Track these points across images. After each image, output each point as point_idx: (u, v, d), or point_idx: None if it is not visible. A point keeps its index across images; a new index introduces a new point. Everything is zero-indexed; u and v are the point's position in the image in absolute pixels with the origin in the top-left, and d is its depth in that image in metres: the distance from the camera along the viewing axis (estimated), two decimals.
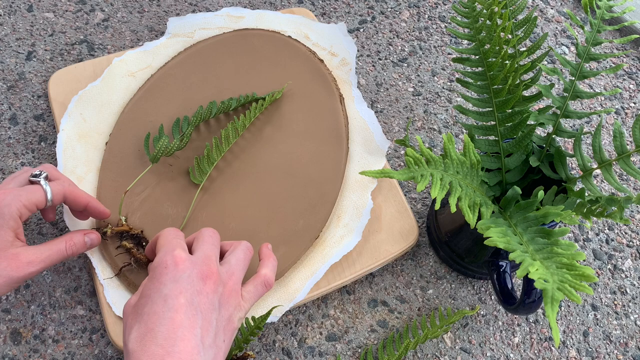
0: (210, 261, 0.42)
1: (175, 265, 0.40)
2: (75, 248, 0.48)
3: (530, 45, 0.49)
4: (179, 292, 0.39)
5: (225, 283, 0.42)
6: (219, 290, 0.41)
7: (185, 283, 0.39)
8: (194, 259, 0.41)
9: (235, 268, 0.43)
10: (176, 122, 0.58)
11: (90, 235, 0.50)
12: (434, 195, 0.39)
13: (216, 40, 0.66)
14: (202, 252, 0.42)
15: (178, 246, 0.42)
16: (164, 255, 0.41)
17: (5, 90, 0.66)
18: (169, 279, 0.39)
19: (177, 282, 0.39)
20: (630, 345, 0.56)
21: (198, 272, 0.40)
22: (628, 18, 0.75)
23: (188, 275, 0.40)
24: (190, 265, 0.40)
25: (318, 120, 0.61)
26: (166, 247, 0.42)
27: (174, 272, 0.40)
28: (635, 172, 0.42)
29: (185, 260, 0.41)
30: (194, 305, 0.39)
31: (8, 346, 0.52)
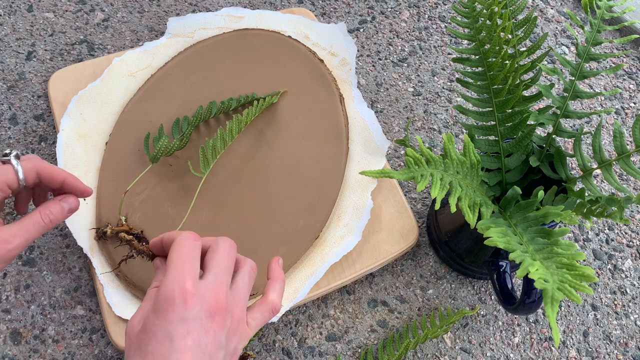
0: (220, 291, 0.38)
1: (183, 302, 0.37)
2: (53, 216, 0.44)
3: (530, 45, 0.49)
4: (186, 332, 0.36)
5: (233, 313, 0.39)
6: (227, 324, 0.38)
7: (192, 322, 0.37)
8: (204, 290, 0.38)
9: (242, 293, 0.41)
10: (176, 122, 0.58)
11: (67, 200, 0.45)
12: (434, 195, 0.39)
13: (216, 40, 0.66)
14: (214, 276, 0.39)
15: (189, 274, 0.38)
16: (171, 286, 0.37)
17: (5, 90, 0.66)
18: (176, 317, 0.36)
19: (184, 321, 0.36)
20: (630, 345, 0.56)
21: (207, 308, 0.37)
22: (628, 18, 0.75)
23: (197, 313, 0.37)
24: (199, 301, 0.37)
25: (318, 120, 0.61)
26: (176, 272, 0.38)
27: (181, 309, 0.36)
28: (635, 172, 0.42)
29: (194, 296, 0.37)
30: (201, 347, 0.37)
31: (8, 346, 0.52)
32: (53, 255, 0.56)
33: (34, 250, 0.57)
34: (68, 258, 0.56)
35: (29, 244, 0.43)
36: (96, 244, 0.54)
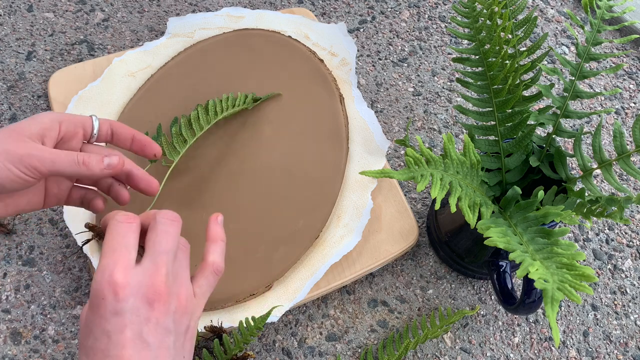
0: (158, 276, 0.35)
1: (114, 295, 0.34)
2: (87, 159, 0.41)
3: (530, 45, 0.49)
4: (122, 325, 0.34)
5: (178, 294, 0.37)
6: (171, 308, 0.36)
7: (128, 314, 0.34)
8: (139, 278, 0.35)
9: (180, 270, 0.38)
10: (174, 121, 0.58)
11: (111, 155, 0.43)
12: (434, 195, 0.39)
13: (216, 40, 0.66)
14: (151, 260, 0.36)
15: (119, 264, 0.35)
16: (100, 279, 0.34)
17: (5, 90, 0.66)
18: (109, 311, 0.34)
19: (119, 315, 0.34)
20: (630, 345, 0.56)
21: (143, 296, 0.35)
22: (628, 18, 0.75)
23: (131, 305, 0.34)
24: (134, 291, 0.34)
25: (318, 120, 0.61)
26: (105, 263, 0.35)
27: (113, 303, 0.34)
28: (635, 172, 0.42)
29: (125, 287, 0.34)
30: (142, 337, 0.34)
31: (8, 346, 0.52)
32: (53, 255, 0.56)
33: (34, 250, 0.57)
34: (68, 258, 0.56)
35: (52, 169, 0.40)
36: (96, 244, 0.54)
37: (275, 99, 0.62)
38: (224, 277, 0.52)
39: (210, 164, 0.58)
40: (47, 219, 0.58)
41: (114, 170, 0.43)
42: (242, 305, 0.52)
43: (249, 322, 0.49)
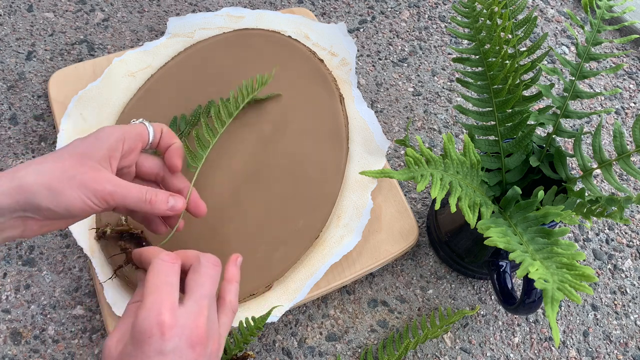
0: (200, 319, 0.37)
1: (161, 335, 0.35)
2: (154, 198, 0.43)
3: (530, 45, 0.49)
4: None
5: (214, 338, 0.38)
6: (208, 351, 0.37)
7: (171, 355, 0.35)
8: (183, 321, 0.36)
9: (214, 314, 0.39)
10: (174, 120, 0.58)
11: (176, 196, 0.44)
12: (434, 195, 0.39)
13: (216, 40, 0.66)
14: (195, 303, 0.37)
15: (166, 304, 0.36)
16: (148, 318, 0.36)
17: (5, 90, 0.66)
18: (153, 350, 0.35)
19: (162, 354, 0.35)
20: (630, 345, 0.56)
21: (187, 338, 0.36)
22: (628, 18, 0.75)
23: (176, 345, 0.35)
24: (179, 333, 0.36)
25: (318, 120, 0.61)
26: (152, 302, 0.36)
27: (159, 342, 0.35)
28: (635, 172, 0.42)
29: (172, 328, 0.36)
30: None
31: (8, 346, 0.52)
32: (53, 255, 0.56)
33: (34, 250, 0.57)
34: (68, 258, 0.56)
35: (122, 203, 0.41)
36: (96, 244, 0.54)
37: (275, 99, 0.62)
38: None
39: (210, 164, 0.58)
40: None
41: (175, 212, 0.45)
42: (242, 305, 0.52)
43: (249, 322, 0.49)
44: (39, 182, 0.38)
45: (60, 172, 0.38)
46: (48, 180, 0.38)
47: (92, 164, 0.40)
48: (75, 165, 0.39)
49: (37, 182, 0.38)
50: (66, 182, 0.38)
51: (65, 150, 0.40)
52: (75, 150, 0.40)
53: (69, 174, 0.39)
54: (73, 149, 0.40)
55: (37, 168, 0.38)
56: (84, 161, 0.40)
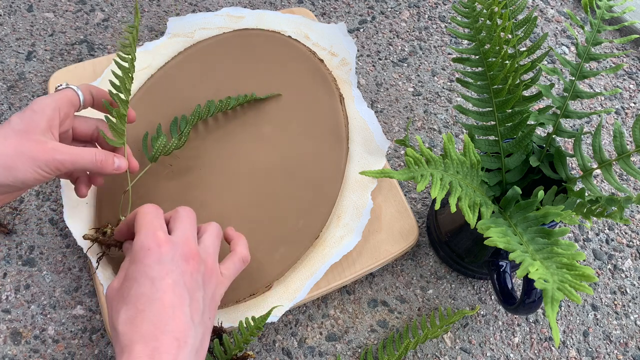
0: (190, 241, 0.42)
1: (158, 247, 0.40)
2: (103, 159, 0.46)
3: (530, 45, 0.49)
4: (165, 273, 0.39)
5: (206, 262, 0.43)
6: (201, 269, 0.42)
7: (169, 264, 0.40)
8: (175, 240, 0.42)
9: (210, 248, 0.44)
10: (174, 121, 0.58)
11: (119, 158, 0.48)
12: (434, 195, 0.39)
13: (216, 40, 0.66)
14: (182, 232, 0.43)
15: (159, 227, 0.42)
16: (145, 237, 0.41)
17: (5, 90, 0.66)
18: (153, 261, 0.40)
19: (161, 263, 0.40)
20: (630, 345, 0.56)
21: (180, 252, 0.41)
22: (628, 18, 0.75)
23: (171, 257, 0.40)
24: (172, 247, 0.41)
25: (318, 120, 0.61)
26: (146, 228, 0.42)
27: (157, 254, 0.40)
28: (635, 172, 0.42)
29: (167, 242, 0.41)
30: (180, 285, 0.40)
31: (8, 346, 0.52)
32: (53, 255, 0.56)
33: (34, 250, 0.57)
34: (68, 258, 0.56)
35: (72, 168, 0.44)
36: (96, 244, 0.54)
37: (275, 99, 0.62)
38: None
39: (210, 164, 0.58)
40: (47, 219, 0.58)
41: (120, 172, 0.48)
42: (242, 305, 0.52)
43: (249, 322, 0.49)
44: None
45: (12, 149, 0.42)
46: (3, 161, 0.41)
47: (36, 138, 0.43)
48: (22, 142, 0.42)
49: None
50: (17, 159, 0.42)
51: (8, 128, 0.43)
52: (18, 127, 0.43)
53: (19, 151, 0.42)
54: (16, 126, 0.43)
55: None
56: (29, 136, 0.43)
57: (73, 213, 0.55)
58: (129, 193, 0.51)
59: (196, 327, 0.40)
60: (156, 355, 0.36)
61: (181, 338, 0.38)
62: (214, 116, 0.60)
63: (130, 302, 0.39)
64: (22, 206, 0.59)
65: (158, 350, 0.37)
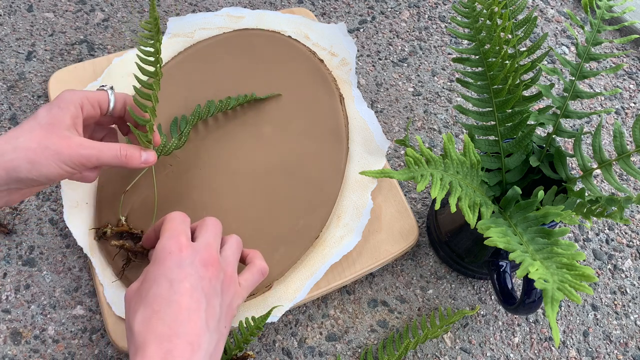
0: (211, 249, 0.43)
1: (179, 251, 0.41)
2: (129, 154, 0.46)
3: (530, 45, 0.49)
4: (183, 276, 0.40)
5: (225, 270, 0.43)
6: (220, 276, 0.42)
7: (189, 268, 0.40)
8: (197, 246, 0.42)
9: (231, 258, 0.45)
10: (174, 121, 0.58)
11: (148, 151, 0.48)
12: (434, 195, 0.39)
13: (216, 40, 0.66)
14: (205, 239, 0.43)
15: (182, 232, 0.43)
16: (167, 241, 0.42)
17: (5, 90, 0.66)
18: (174, 264, 0.40)
19: (181, 267, 0.40)
20: (630, 345, 0.56)
21: (200, 258, 0.41)
22: (628, 18, 0.75)
23: (191, 261, 0.41)
24: (193, 252, 0.42)
25: (318, 120, 0.61)
26: (170, 232, 0.43)
27: (178, 257, 0.41)
28: (635, 172, 0.42)
29: (188, 247, 0.42)
30: (198, 290, 0.40)
31: (8, 346, 0.52)
32: (53, 255, 0.56)
33: (34, 250, 0.57)
34: (68, 258, 0.56)
35: (97, 164, 0.45)
36: (96, 244, 0.54)
37: (275, 99, 0.62)
38: None
39: (210, 164, 0.58)
40: (47, 219, 0.58)
41: (148, 165, 0.49)
42: (242, 305, 0.52)
43: (249, 322, 0.49)
44: (19, 157, 0.41)
45: (36, 144, 0.42)
46: (26, 155, 0.41)
47: (61, 133, 0.43)
48: (47, 136, 0.42)
49: (18, 157, 0.41)
50: (42, 154, 0.42)
51: (34, 122, 0.43)
52: (43, 121, 0.43)
53: (44, 145, 0.42)
54: (42, 120, 0.43)
55: (14, 144, 0.41)
56: (53, 131, 0.43)
57: (73, 213, 0.55)
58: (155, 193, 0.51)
59: (211, 333, 0.40)
60: (169, 358, 0.36)
61: (195, 342, 0.38)
62: (214, 116, 0.60)
63: (147, 303, 0.39)
64: (22, 206, 0.59)
65: (171, 353, 0.37)
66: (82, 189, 0.56)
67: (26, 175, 0.42)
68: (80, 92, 0.46)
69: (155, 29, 0.45)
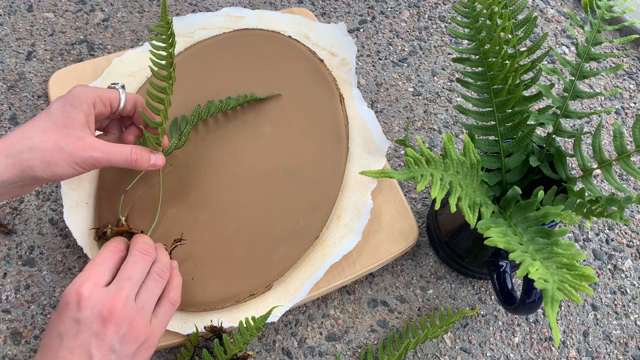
0: (117, 300, 0.40)
1: (76, 304, 0.40)
2: (140, 156, 0.47)
3: (530, 45, 0.49)
4: (75, 332, 0.39)
5: (132, 320, 0.41)
6: (122, 331, 0.40)
7: (82, 324, 0.39)
8: (100, 297, 0.40)
9: (144, 300, 0.43)
10: (174, 121, 0.58)
11: (157, 154, 0.49)
12: (434, 195, 0.39)
13: (216, 40, 0.66)
14: (116, 284, 0.41)
15: (91, 279, 0.41)
16: (69, 288, 0.40)
17: (5, 90, 0.66)
18: (69, 317, 0.39)
19: (76, 322, 0.39)
20: (630, 345, 0.56)
21: (98, 312, 0.40)
22: (628, 18, 0.75)
23: (88, 316, 0.39)
24: (92, 305, 0.40)
25: (318, 120, 0.61)
26: (80, 277, 0.41)
27: (74, 311, 0.39)
28: (635, 172, 0.42)
29: (88, 299, 0.40)
30: (88, 348, 0.39)
31: (8, 346, 0.52)
32: (53, 255, 0.56)
33: (34, 250, 0.57)
34: (68, 258, 0.56)
35: (108, 165, 0.46)
36: (96, 244, 0.54)
37: (275, 99, 0.62)
38: (224, 277, 0.53)
39: (210, 164, 0.58)
40: (47, 219, 0.58)
41: (156, 168, 0.50)
42: (242, 305, 0.52)
43: (249, 322, 0.49)
44: (36, 157, 0.42)
45: (52, 145, 0.43)
46: (42, 155, 0.42)
47: (75, 133, 0.44)
48: (61, 137, 0.43)
49: (35, 157, 0.42)
50: (57, 154, 0.43)
51: (48, 120, 0.44)
52: (58, 121, 0.44)
53: (59, 146, 0.43)
54: (56, 119, 0.44)
55: (28, 143, 0.42)
56: (67, 132, 0.44)
57: (73, 213, 0.55)
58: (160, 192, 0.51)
59: None
60: None
61: None
62: (214, 116, 0.60)
63: (41, 351, 0.39)
64: (22, 206, 0.59)
65: None
66: (82, 189, 0.56)
67: (41, 174, 0.43)
68: (93, 90, 0.46)
69: (167, 33, 0.46)
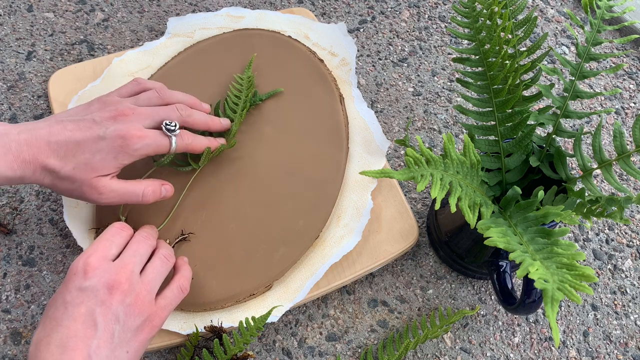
0: (123, 271, 0.42)
1: (84, 273, 0.40)
2: (150, 194, 0.49)
3: (530, 45, 0.49)
4: (80, 301, 0.39)
5: (138, 293, 0.42)
6: (127, 301, 0.41)
7: (89, 292, 0.40)
8: (109, 267, 0.41)
9: (150, 277, 0.44)
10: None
11: (166, 186, 0.51)
12: (434, 195, 0.39)
13: (216, 40, 0.66)
14: (122, 259, 0.43)
15: (99, 252, 0.42)
16: (77, 260, 0.41)
17: (5, 90, 0.66)
18: (75, 286, 0.40)
19: (81, 290, 0.40)
20: (630, 345, 0.56)
21: (105, 281, 0.40)
22: (628, 18, 0.75)
23: (94, 285, 0.40)
24: (99, 275, 0.40)
25: (318, 120, 0.61)
26: (88, 249, 0.42)
27: (81, 279, 0.40)
28: (635, 172, 0.42)
29: (97, 268, 0.41)
30: (93, 316, 0.39)
31: (8, 346, 0.52)
32: (53, 255, 0.56)
33: (34, 250, 0.57)
34: (68, 258, 0.56)
35: (118, 203, 0.48)
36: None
37: (275, 99, 0.62)
38: (224, 277, 0.53)
39: (210, 164, 0.58)
40: (47, 219, 0.58)
41: (164, 199, 0.52)
42: (242, 305, 0.52)
43: (249, 322, 0.49)
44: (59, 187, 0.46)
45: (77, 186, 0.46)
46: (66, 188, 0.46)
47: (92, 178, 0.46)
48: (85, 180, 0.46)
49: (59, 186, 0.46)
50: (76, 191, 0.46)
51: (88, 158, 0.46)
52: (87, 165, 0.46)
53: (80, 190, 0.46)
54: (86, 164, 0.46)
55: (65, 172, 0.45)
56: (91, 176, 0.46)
57: (73, 213, 0.55)
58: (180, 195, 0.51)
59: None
60: None
61: None
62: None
63: (44, 323, 0.39)
64: (22, 206, 0.59)
65: None
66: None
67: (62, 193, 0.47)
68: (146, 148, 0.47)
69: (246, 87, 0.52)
